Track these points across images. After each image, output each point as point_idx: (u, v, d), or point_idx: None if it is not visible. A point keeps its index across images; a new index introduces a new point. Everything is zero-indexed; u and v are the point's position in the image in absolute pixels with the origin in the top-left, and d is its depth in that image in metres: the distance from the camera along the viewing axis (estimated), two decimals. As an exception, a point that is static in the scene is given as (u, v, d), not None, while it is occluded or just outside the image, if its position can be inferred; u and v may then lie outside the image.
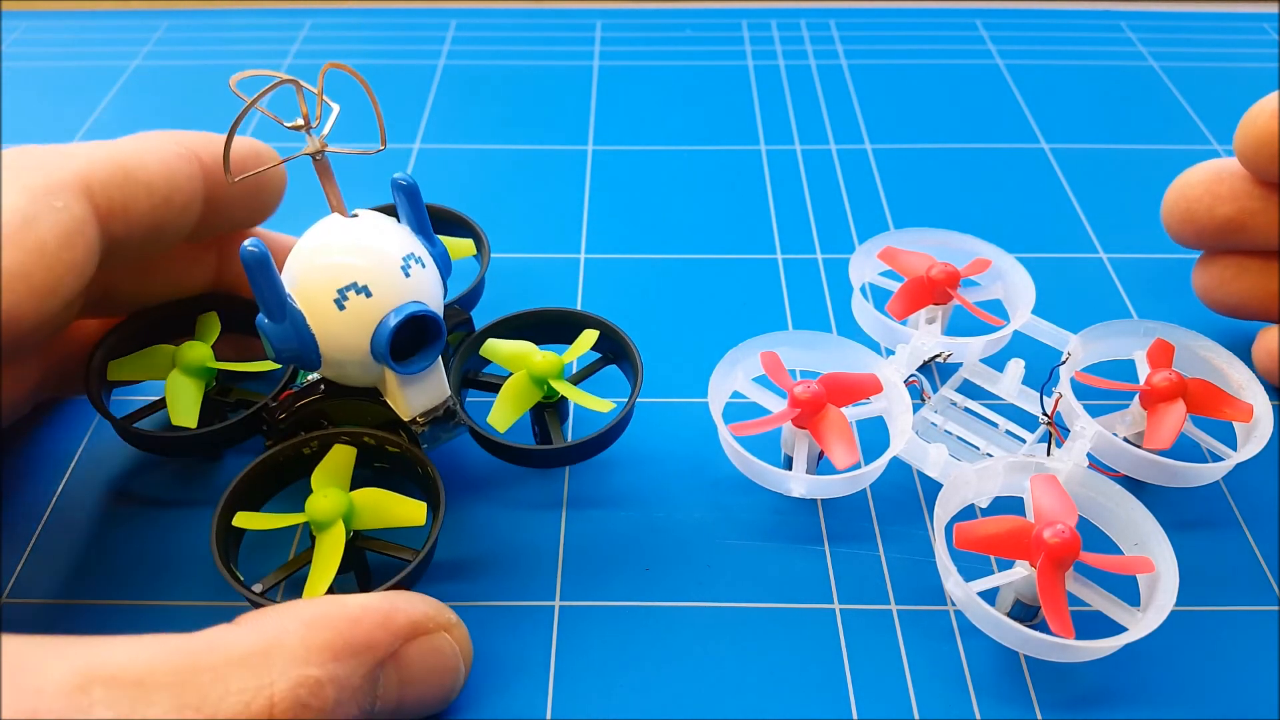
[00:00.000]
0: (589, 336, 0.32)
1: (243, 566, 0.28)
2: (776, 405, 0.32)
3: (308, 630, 0.22)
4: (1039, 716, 0.26)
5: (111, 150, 0.28)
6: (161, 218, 0.28)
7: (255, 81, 0.25)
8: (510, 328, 0.33)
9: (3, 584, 0.29)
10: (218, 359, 0.32)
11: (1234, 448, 0.31)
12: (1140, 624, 0.25)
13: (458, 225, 0.38)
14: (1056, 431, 0.31)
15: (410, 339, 0.28)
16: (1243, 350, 0.32)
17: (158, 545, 0.30)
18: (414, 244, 0.28)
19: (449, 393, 0.30)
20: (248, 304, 0.33)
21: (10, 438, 0.33)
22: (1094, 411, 0.31)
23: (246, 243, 0.25)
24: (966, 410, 0.33)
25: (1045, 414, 0.32)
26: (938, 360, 0.34)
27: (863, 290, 0.35)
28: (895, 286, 0.36)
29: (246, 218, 0.32)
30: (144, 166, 0.28)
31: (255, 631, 0.22)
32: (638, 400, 0.31)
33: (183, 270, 0.33)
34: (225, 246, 0.33)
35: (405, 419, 0.29)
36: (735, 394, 0.33)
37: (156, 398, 0.31)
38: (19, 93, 0.52)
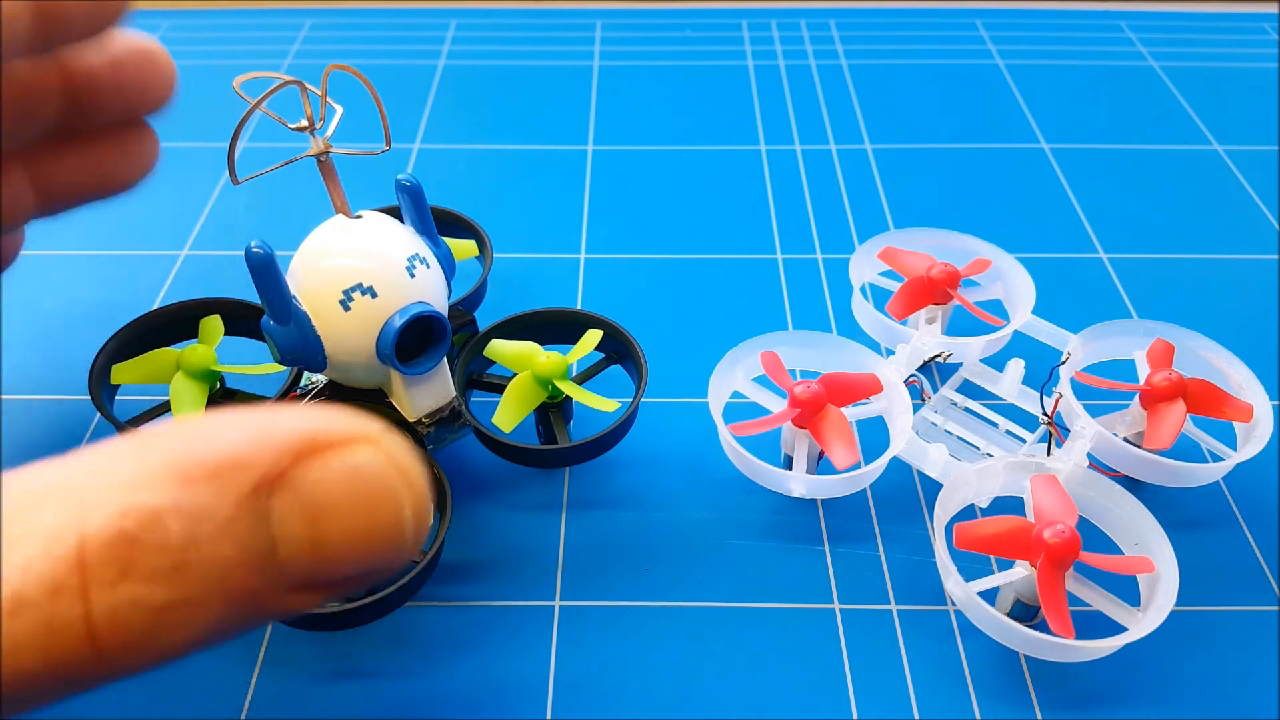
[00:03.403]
0: (593, 336, 0.32)
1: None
2: (776, 405, 0.32)
3: (141, 451, 0.17)
4: (1039, 716, 0.26)
5: None
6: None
7: (259, 82, 0.26)
8: (514, 328, 0.33)
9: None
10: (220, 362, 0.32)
11: (1234, 448, 0.32)
12: (1140, 624, 0.25)
13: (460, 227, 0.38)
14: (1056, 431, 0.31)
15: (415, 340, 0.28)
16: (1243, 350, 0.32)
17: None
18: (418, 245, 0.28)
19: (454, 393, 0.30)
20: (252, 307, 0.33)
21: (10, 437, 0.33)
22: (1094, 411, 0.31)
23: (252, 244, 0.25)
24: (966, 410, 0.33)
25: (1045, 414, 0.32)
26: (938, 360, 0.34)
27: (863, 290, 0.35)
28: (895, 286, 0.36)
29: (88, 27, 0.29)
30: None
31: (72, 461, 0.17)
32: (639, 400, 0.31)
33: (21, 98, 0.30)
34: (68, 71, 0.30)
35: (411, 420, 0.29)
36: (735, 394, 0.33)
37: (161, 400, 0.31)
38: (19, 92, 0.52)
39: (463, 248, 0.37)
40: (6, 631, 0.15)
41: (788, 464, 0.31)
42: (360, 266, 0.27)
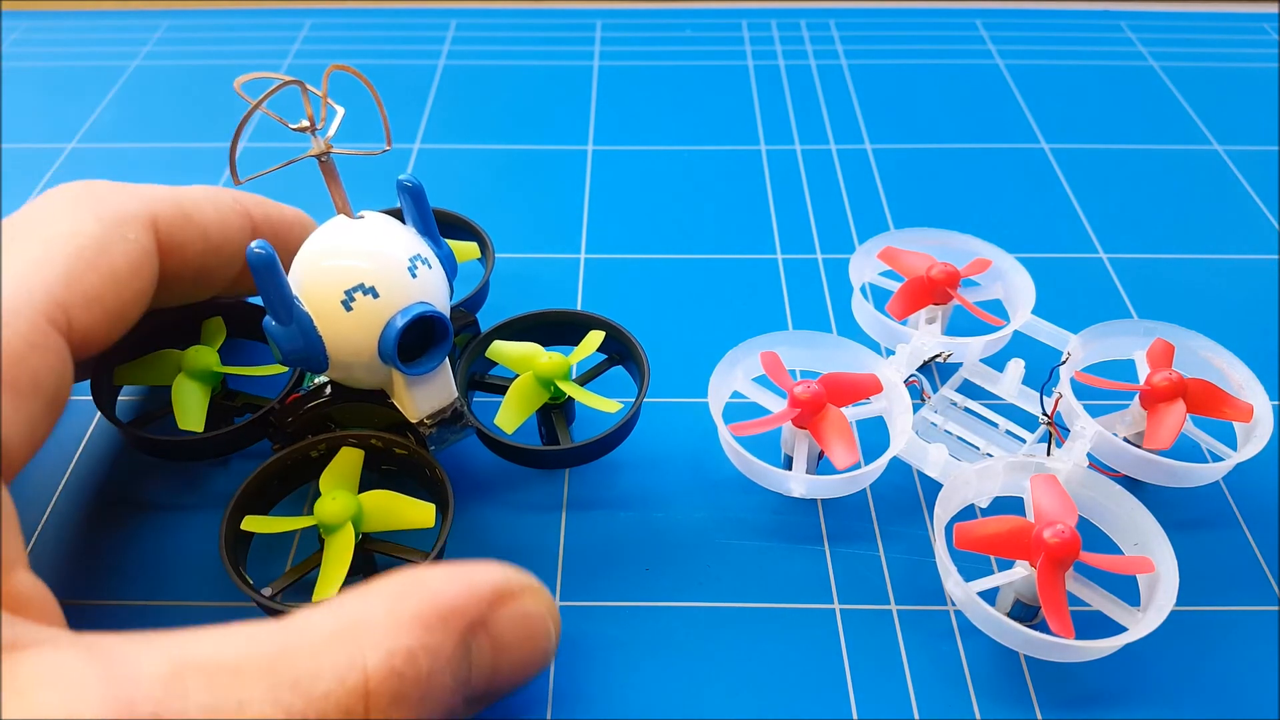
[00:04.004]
0: (595, 337, 0.32)
1: (249, 570, 0.28)
2: (776, 405, 0.32)
3: (393, 603, 0.22)
4: (1039, 716, 0.26)
5: (175, 193, 0.29)
6: (209, 263, 0.30)
7: (261, 83, 0.26)
8: (517, 329, 0.33)
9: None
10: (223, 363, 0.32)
11: (1234, 448, 0.32)
12: (1140, 624, 0.25)
13: (462, 229, 0.38)
14: (1056, 431, 0.31)
15: (417, 340, 0.28)
16: (1243, 350, 0.33)
17: (158, 546, 0.30)
18: (420, 245, 0.28)
19: (456, 394, 0.30)
20: (254, 308, 0.33)
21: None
22: (1094, 411, 0.31)
23: (253, 244, 0.25)
24: (966, 410, 0.33)
25: (1045, 414, 0.32)
26: (938, 360, 0.34)
27: (863, 290, 0.35)
28: (895, 286, 0.36)
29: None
30: (202, 213, 0.29)
31: (340, 610, 0.22)
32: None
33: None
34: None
35: (413, 421, 0.29)
36: (735, 394, 0.33)
37: (163, 402, 0.31)
38: (19, 93, 0.52)
39: (465, 250, 0.37)
40: None
41: (788, 464, 0.31)
42: (362, 267, 0.27)
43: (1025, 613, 0.27)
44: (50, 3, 0.63)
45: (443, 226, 0.37)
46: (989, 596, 0.27)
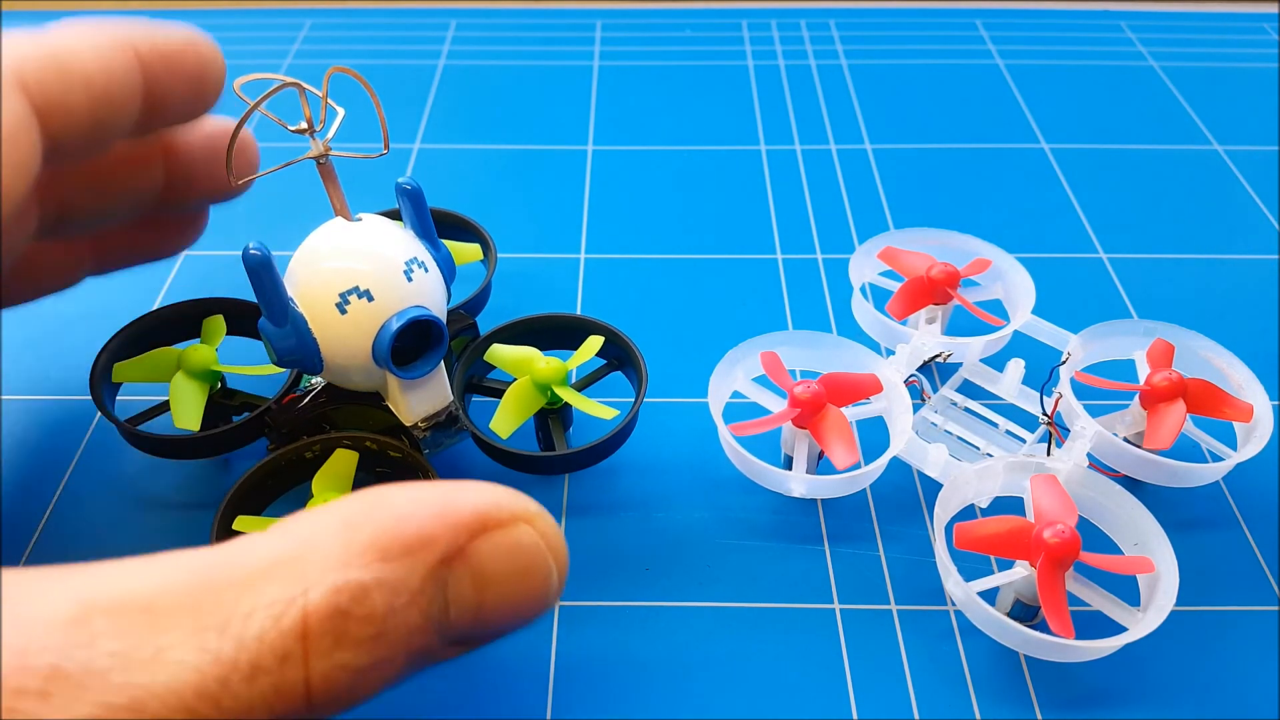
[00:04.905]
0: (594, 343, 0.32)
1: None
2: (776, 405, 0.32)
3: (347, 529, 0.19)
4: (1039, 716, 0.26)
5: (42, 42, 0.25)
6: (100, 115, 0.26)
7: (261, 84, 0.26)
8: (515, 333, 0.33)
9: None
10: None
11: (1234, 448, 0.32)
12: (1140, 624, 0.25)
13: (465, 230, 0.38)
14: (1056, 431, 0.31)
15: (412, 343, 0.28)
16: (1243, 350, 0.32)
17: (158, 546, 0.30)
18: (417, 248, 0.28)
19: (451, 398, 0.30)
20: (256, 307, 0.33)
21: (10, 437, 0.33)
22: (1094, 411, 0.31)
23: (250, 245, 0.25)
24: (966, 410, 0.33)
25: (1045, 414, 0.32)
26: (938, 360, 0.34)
27: (863, 290, 0.35)
28: (895, 286, 0.36)
29: (187, 110, 0.30)
30: (79, 59, 0.25)
31: (286, 537, 0.19)
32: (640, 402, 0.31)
33: (130, 177, 0.31)
34: (170, 149, 0.31)
35: (407, 424, 0.29)
36: (735, 394, 0.33)
37: (161, 399, 0.31)
38: (19, 93, 0.52)
39: (467, 252, 0.37)
40: (244, 695, 0.17)
41: (788, 464, 0.31)
42: (357, 269, 0.27)
43: (1025, 613, 0.27)
44: (50, 3, 0.63)
45: (445, 227, 0.37)
46: (989, 596, 0.27)
